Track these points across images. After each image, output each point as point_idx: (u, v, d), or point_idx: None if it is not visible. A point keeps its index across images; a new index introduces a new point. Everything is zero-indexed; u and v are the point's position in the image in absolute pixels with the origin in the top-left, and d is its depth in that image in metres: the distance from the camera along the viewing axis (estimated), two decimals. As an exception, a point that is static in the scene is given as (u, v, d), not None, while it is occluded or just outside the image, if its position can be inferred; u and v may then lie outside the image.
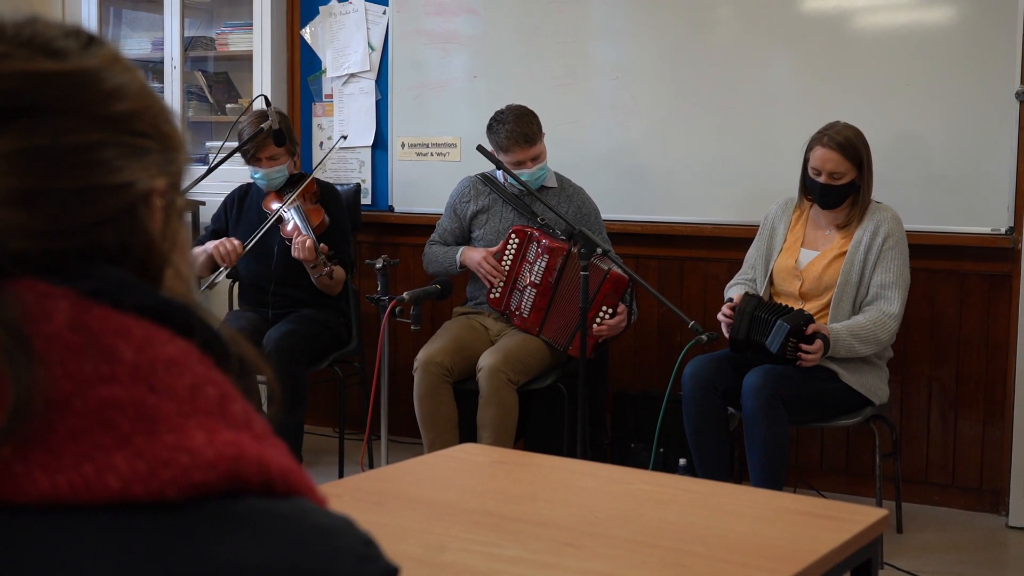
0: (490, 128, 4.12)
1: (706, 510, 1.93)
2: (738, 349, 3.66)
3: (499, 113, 4.14)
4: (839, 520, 1.85)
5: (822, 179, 3.68)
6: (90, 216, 0.79)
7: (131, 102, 0.82)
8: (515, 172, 4.03)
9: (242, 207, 4.45)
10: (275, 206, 4.31)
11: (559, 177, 4.27)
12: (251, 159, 4.30)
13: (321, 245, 4.14)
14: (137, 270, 0.82)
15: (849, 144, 3.65)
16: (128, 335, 0.78)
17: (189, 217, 5.10)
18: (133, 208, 0.81)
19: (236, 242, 4.21)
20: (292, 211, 4.25)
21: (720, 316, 3.70)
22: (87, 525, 0.73)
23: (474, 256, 4.17)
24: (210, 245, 4.24)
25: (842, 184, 3.67)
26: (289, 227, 4.24)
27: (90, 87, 0.80)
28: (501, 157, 4.08)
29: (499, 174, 4.24)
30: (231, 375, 0.84)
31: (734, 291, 3.83)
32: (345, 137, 4.92)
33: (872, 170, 3.71)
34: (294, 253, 4.12)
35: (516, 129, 4.04)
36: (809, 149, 3.72)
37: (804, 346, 3.52)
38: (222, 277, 4.23)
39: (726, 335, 3.66)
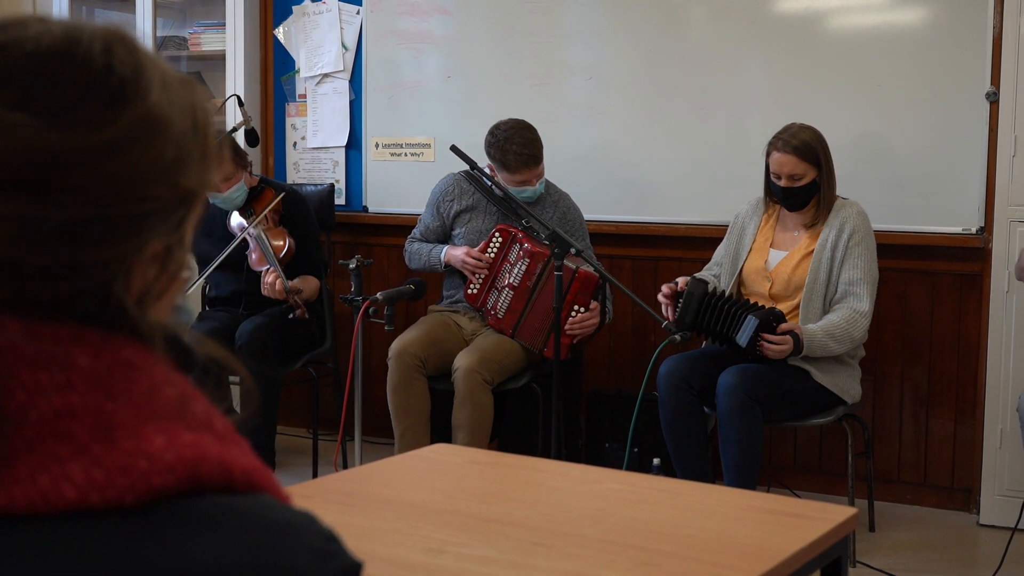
0: (493, 146, 4.02)
1: (676, 509, 1.93)
2: (684, 330, 3.62)
3: (501, 132, 4.02)
4: (808, 519, 1.86)
5: (783, 183, 3.70)
6: (62, 290, 0.76)
7: (147, 171, 0.77)
8: (518, 188, 4.01)
9: (205, 221, 4.40)
10: (234, 224, 4.25)
11: (546, 182, 4.24)
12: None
13: (291, 283, 4.09)
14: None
15: (805, 145, 3.66)
16: (83, 340, 0.77)
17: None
18: (110, 281, 0.78)
19: None
20: (256, 239, 4.18)
21: (660, 297, 3.68)
22: (45, 535, 0.72)
23: (457, 253, 4.16)
24: None
25: (803, 185, 3.69)
26: (255, 257, 4.21)
27: (98, 164, 0.75)
28: (503, 175, 4.03)
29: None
30: (193, 375, 0.83)
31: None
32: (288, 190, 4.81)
33: (832, 167, 3.73)
34: (264, 292, 4.11)
35: (525, 152, 3.98)
36: (768, 154, 3.75)
37: (770, 337, 3.52)
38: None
39: (665, 315, 3.62)
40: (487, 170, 4.06)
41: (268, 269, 4.10)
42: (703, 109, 4.43)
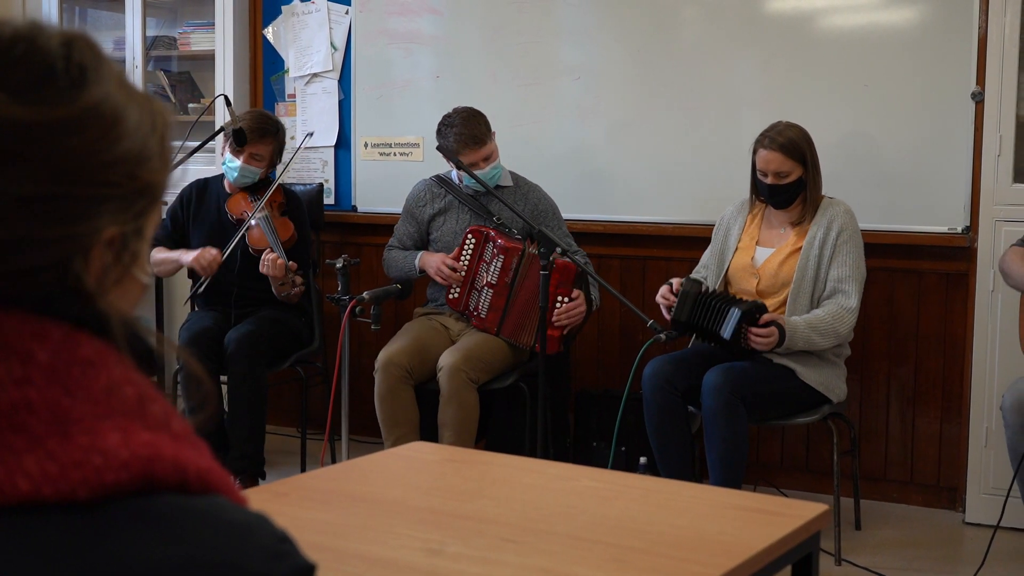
0: (439, 132, 4.11)
1: (649, 506, 1.94)
2: (680, 330, 3.66)
3: (446, 117, 4.13)
4: (779, 515, 1.87)
5: (769, 180, 3.73)
6: (17, 265, 0.77)
7: (108, 151, 0.80)
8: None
9: (201, 203, 4.42)
10: (242, 209, 4.29)
11: (514, 176, 4.28)
12: (235, 150, 4.27)
13: (290, 263, 4.13)
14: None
15: (791, 143, 3.69)
16: (44, 337, 0.78)
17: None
18: (67, 259, 0.79)
19: (214, 251, 4.18)
20: (261, 221, 4.23)
21: (659, 299, 3.72)
22: None
23: (432, 261, 4.17)
24: (186, 256, 4.21)
25: (789, 183, 3.71)
26: (255, 235, 4.23)
27: (61, 139, 0.77)
28: (453, 163, 4.08)
29: (454, 175, 4.24)
30: (154, 375, 0.84)
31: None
32: (311, 134, 4.87)
33: (818, 165, 3.75)
34: (262, 269, 4.11)
35: (464, 132, 4.04)
36: (754, 152, 3.77)
37: (755, 329, 3.54)
38: (204, 287, 4.20)
39: (666, 316, 3.67)
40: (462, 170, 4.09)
41: (270, 248, 4.13)
42: (692, 109, 4.44)
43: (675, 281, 3.73)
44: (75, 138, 0.78)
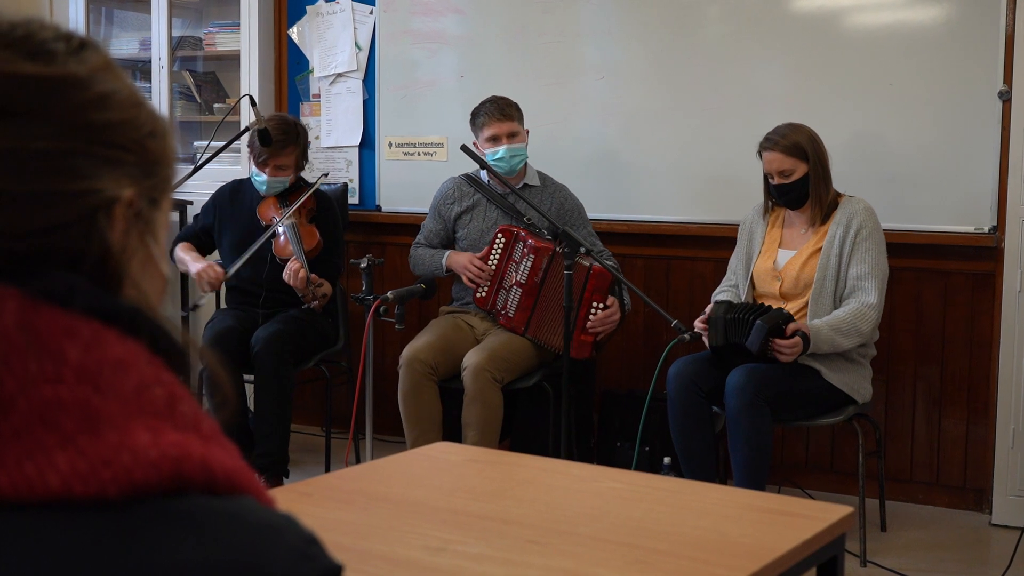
0: (472, 118, 4.21)
1: (673, 508, 1.94)
2: (720, 356, 3.68)
3: (478, 103, 4.24)
4: (803, 517, 1.86)
5: (775, 180, 3.75)
6: (45, 220, 0.79)
7: (113, 113, 0.82)
8: (491, 150, 4.08)
9: (234, 204, 4.43)
10: (271, 216, 4.30)
11: (541, 176, 4.29)
12: (260, 163, 4.29)
13: (312, 275, 4.14)
14: (92, 278, 0.82)
15: (789, 141, 3.70)
16: (75, 335, 0.78)
17: (176, 217, 5.11)
18: (91, 215, 0.80)
19: (219, 270, 4.20)
20: (287, 229, 4.24)
21: (697, 330, 3.72)
22: (28, 523, 0.73)
23: (460, 260, 4.18)
24: (194, 267, 4.25)
25: (795, 180, 3.72)
26: (282, 244, 4.25)
27: (69, 94, 0.80)
28: (479, 137, 4.13)
29: (483, 174, 4.25)
30: (183, 376, 0.84)
31: (720, 298, 3.86)
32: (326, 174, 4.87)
33: (825, 161, 3.74)
34: (285, 278, 4.13)
35: (492, 106, 4.15)
36: (760, 156, 3.77)
37: (779, 341, 3.53)
38: (204, 301, 4.22)
39: (707, 344, 3.69)
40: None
41: (294, 257, 4.15)
42: (715, 108, 4.43)
43: (707, 310, 3.74)
44: (81, 94, 0.81)
